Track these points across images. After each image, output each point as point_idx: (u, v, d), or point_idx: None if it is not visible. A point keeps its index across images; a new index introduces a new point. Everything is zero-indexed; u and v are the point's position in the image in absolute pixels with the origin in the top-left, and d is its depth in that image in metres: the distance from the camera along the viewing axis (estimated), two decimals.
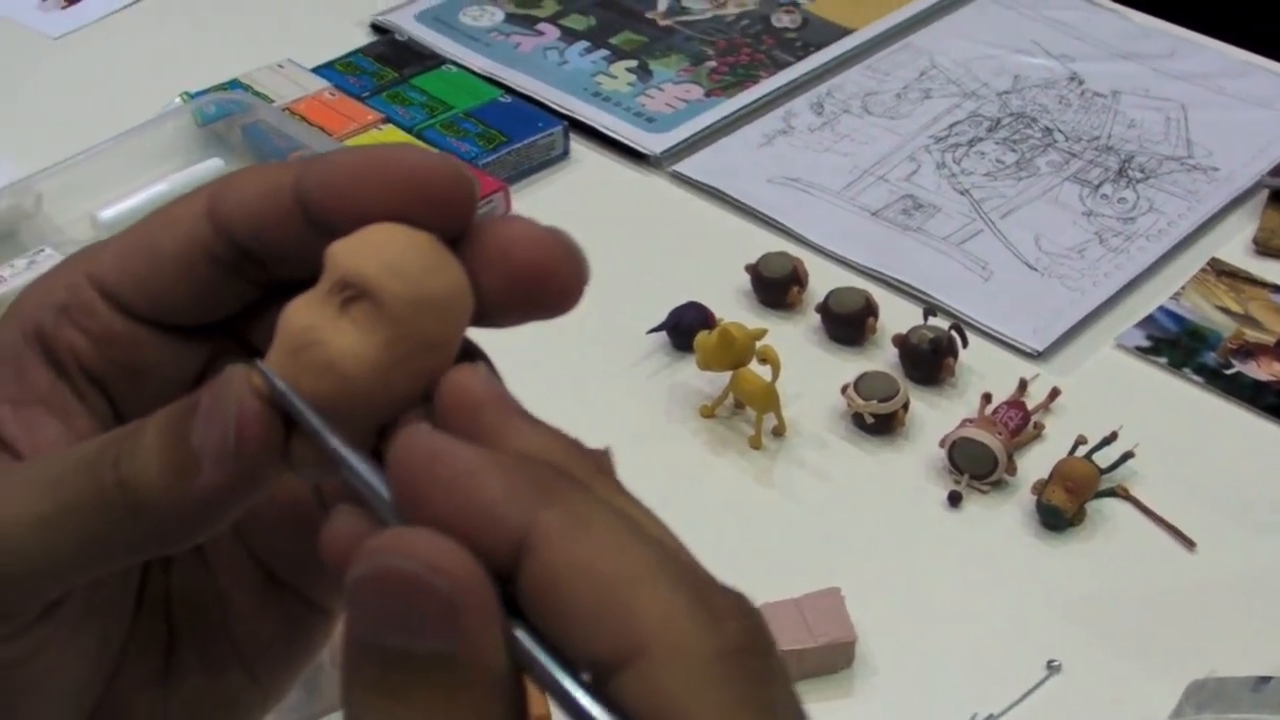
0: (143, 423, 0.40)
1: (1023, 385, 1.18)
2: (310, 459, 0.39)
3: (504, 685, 0.35)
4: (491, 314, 0.41)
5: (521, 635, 0.35)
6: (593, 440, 0.40)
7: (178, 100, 1.49)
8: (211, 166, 1.42)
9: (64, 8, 1.71)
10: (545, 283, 0.40)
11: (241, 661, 0.46)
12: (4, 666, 0.41)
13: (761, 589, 1.04)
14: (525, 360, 0.43)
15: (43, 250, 1.31)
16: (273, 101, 1.48)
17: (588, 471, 0.38)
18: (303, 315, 0.39)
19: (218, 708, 0.47)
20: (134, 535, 0.39)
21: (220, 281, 0.43)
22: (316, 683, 0.98)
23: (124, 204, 1.37)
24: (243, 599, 0.46)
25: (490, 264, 0.40)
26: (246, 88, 1.51)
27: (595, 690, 0.34)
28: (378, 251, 0.39)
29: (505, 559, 0.35)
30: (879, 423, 1.15)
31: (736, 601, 0.35)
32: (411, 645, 0.34)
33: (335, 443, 0.39)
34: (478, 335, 0.43)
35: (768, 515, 1.12)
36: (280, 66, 1.55)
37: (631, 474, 1.15)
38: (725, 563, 1.11)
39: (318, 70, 1.56)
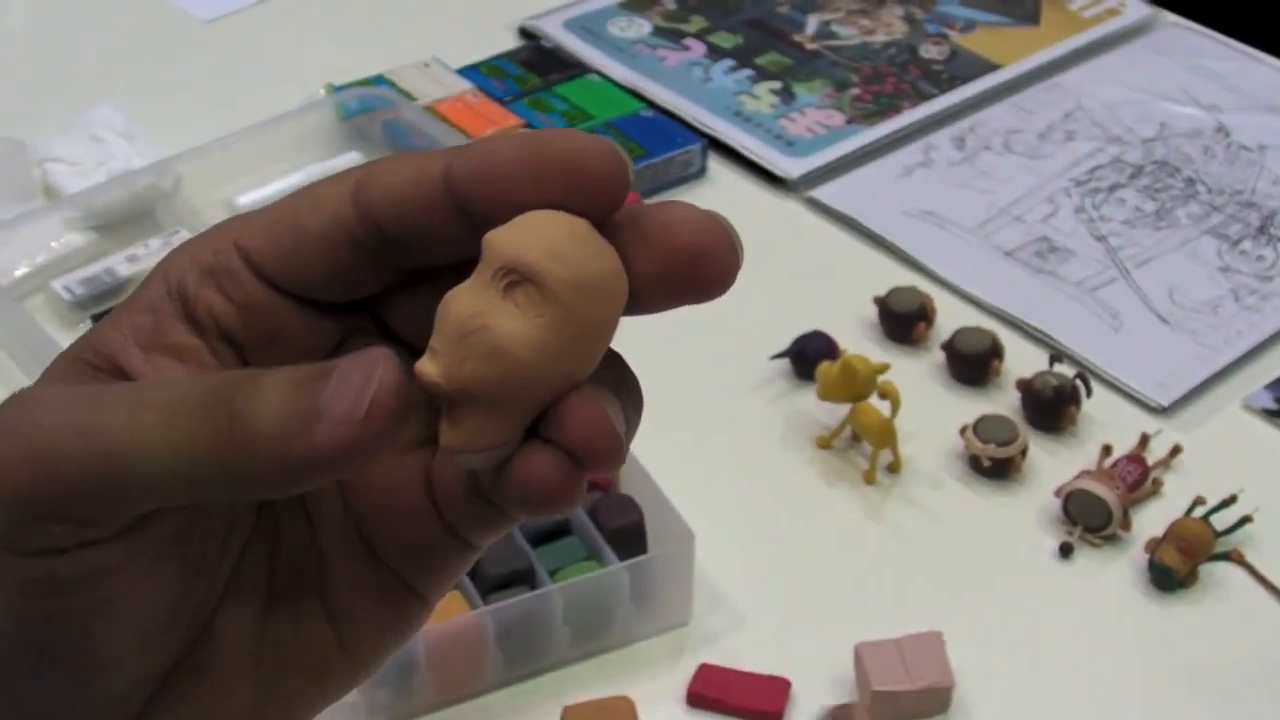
0: (273, 369, 0.40)
1: (1144, 440, 1.17)
2: (454, 443, 0.40)
3: None
4: (645, 296, 0.42)
5: None
6: (708, 460, 0.39)
7: (321, 92, 1.50)
8: (350, 160, 1.43)
9: None
10: (704, 263, 0.41)
11: (335, 629, 0.47)
12: (86, 576, 0.42)
13: (863, 626, 1.03)
14: (648, 374, 0.44)
15: (178, 231, 1.33)
16: (415, 100, 1.49)
17: None
18: (466, 302, 0.40)
19: (305, 671, 0.47)
20: (232, 470, 0.40)
21: (361, 264, 0.43)
22: (408, 684, 0.98)
23: (261, 191, 1.38)
24: (344, 568, 0.47)
25: (651, 244, 0.41)
26: (391, 84, 1.52)
27: None
28: (539, 238, 0.40)
29: None
30: (995, 467, 1.14)
31: None
32: None
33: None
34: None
35: (876, 551, 1.11)
36: (426, 65, 1.56)
37: (743, 497, 1.16)
38: (829, 595, 1.11)
39: (462, 71, 1.56)
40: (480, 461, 0.41)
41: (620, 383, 0.43)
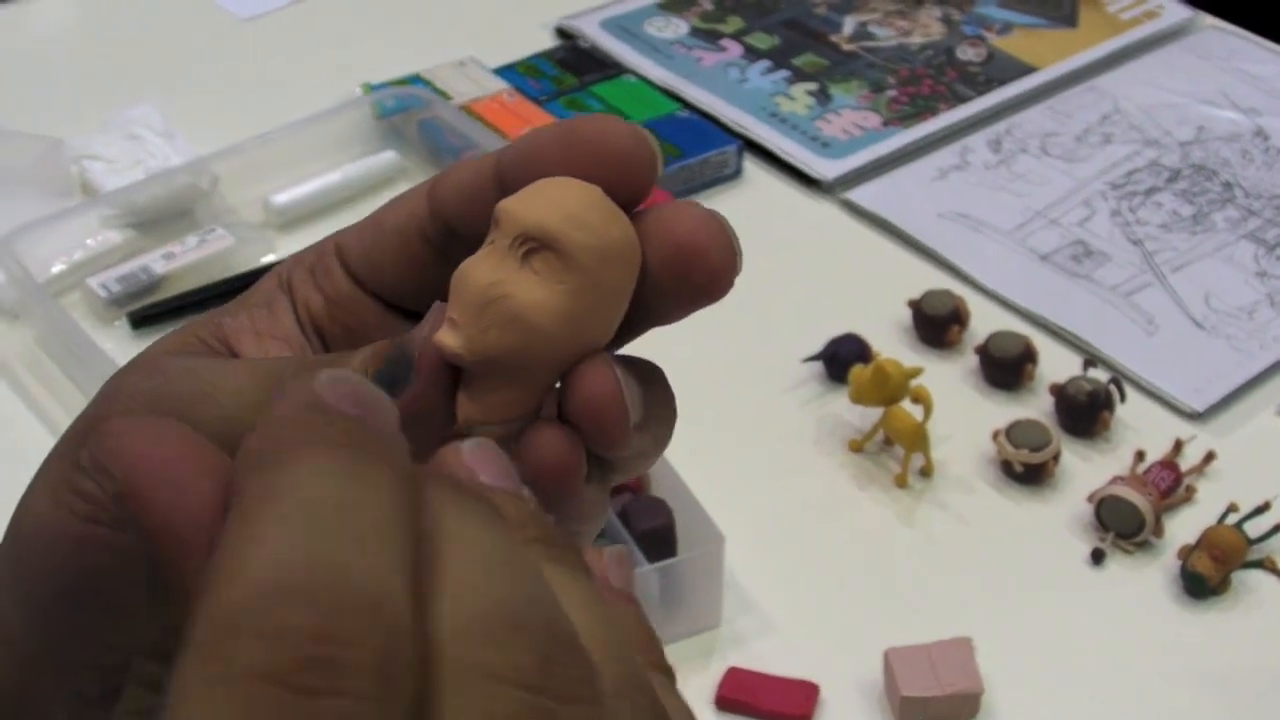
0: (359, 348, 0.43)
1: (1178, 446, 1.16)
2: (473, 415, 0.42)
3: None
4: (649, 296, 0.43)
5: None
6: (739, 463, 0.39)
7: (358, 91, 1.50)
8: (386, 159, 1.43)
9: None
10: (701, 256, 0.42)
11: None
12: None
13: (893, 631, 1.03)
14: (681, 376, 0.44)
15: (214, 229, 1.33)
16: (451, 99, 1.49)
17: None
18: (484, 271, 0.41)
19: None
20: None
21: (430, 260, 0.46)
22: None
23: (297, 190, 1.39)
24: None
25: (650, 238, 0.42)
26: (427, 83, 1.52)
27: None
28: (556, 204, 0.41)
29: None
30: (1028, 472, 1.14)
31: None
32: None
33: None
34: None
35: (907, 556, 1.11)
36: (462, 64, 1.56)
37: (774, 500, 1.15)
38: (859, 600, 1.10)
39: (499, 71, 1.57)
40: (496, 434, 0.41)
41: (654, 397, 0.44)
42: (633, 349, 0.46)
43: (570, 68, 1.59)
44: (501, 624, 0.32)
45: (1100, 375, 1.19)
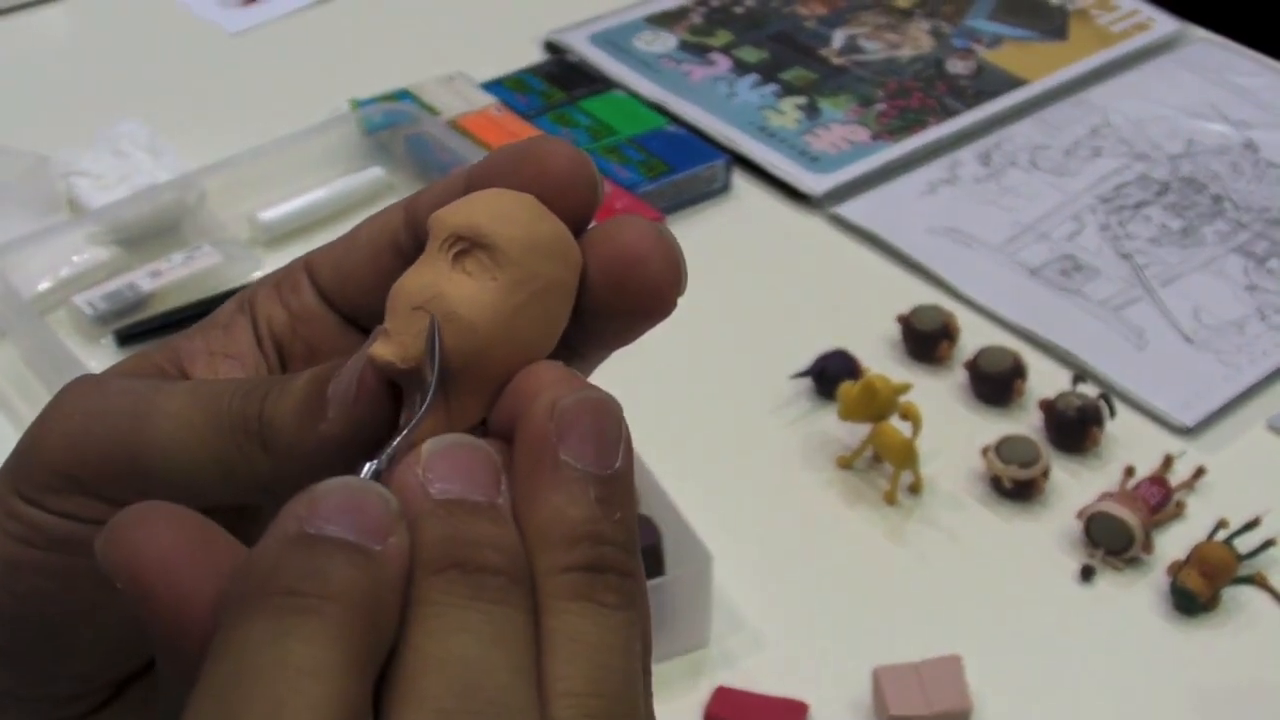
0: (302, 372, 0.43)
1: (1168, 461, 1.16)
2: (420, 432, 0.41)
3: None
4: (590, 310, 0.43)
5: None
6: (727, 481, 0.39)
7: (345, 106, 1.50)
8: (372, 176, 1.43)
9: (244, 4, 1.73)
10: (638, 266, 0.42)
11: None
12: None
13: (882, 649, 1.03)
14: (669, 393, 0.44)
15: (202, 246, 1.33)
16: (439, 114, 1.49)
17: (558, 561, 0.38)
18: (415, 278, 0.41)
19: None
20: (261, 467, 0.42)
21: (398, 274, 0.45)
22: None
23: (284, 207, 1.38)
24: None
25: (594, 247, 0.42)
26: (415, 98, 1.52)
27: None
28: (485, 207, 0.41)
29: None
30: (1017, 488, 1.13)
31: None
32: None
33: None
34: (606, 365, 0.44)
35: (895, 573, 1.10)
36: (450, 79, 1.56)
37: (763, 518, 1.15)
38: (848, 618, 1.10)
39: (486, 86, 1.56)
40: None
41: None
42: (610, 371, 0.46)
43: (558, 82, 1.59)
44: None
45: (1090, 390, 1.19)
